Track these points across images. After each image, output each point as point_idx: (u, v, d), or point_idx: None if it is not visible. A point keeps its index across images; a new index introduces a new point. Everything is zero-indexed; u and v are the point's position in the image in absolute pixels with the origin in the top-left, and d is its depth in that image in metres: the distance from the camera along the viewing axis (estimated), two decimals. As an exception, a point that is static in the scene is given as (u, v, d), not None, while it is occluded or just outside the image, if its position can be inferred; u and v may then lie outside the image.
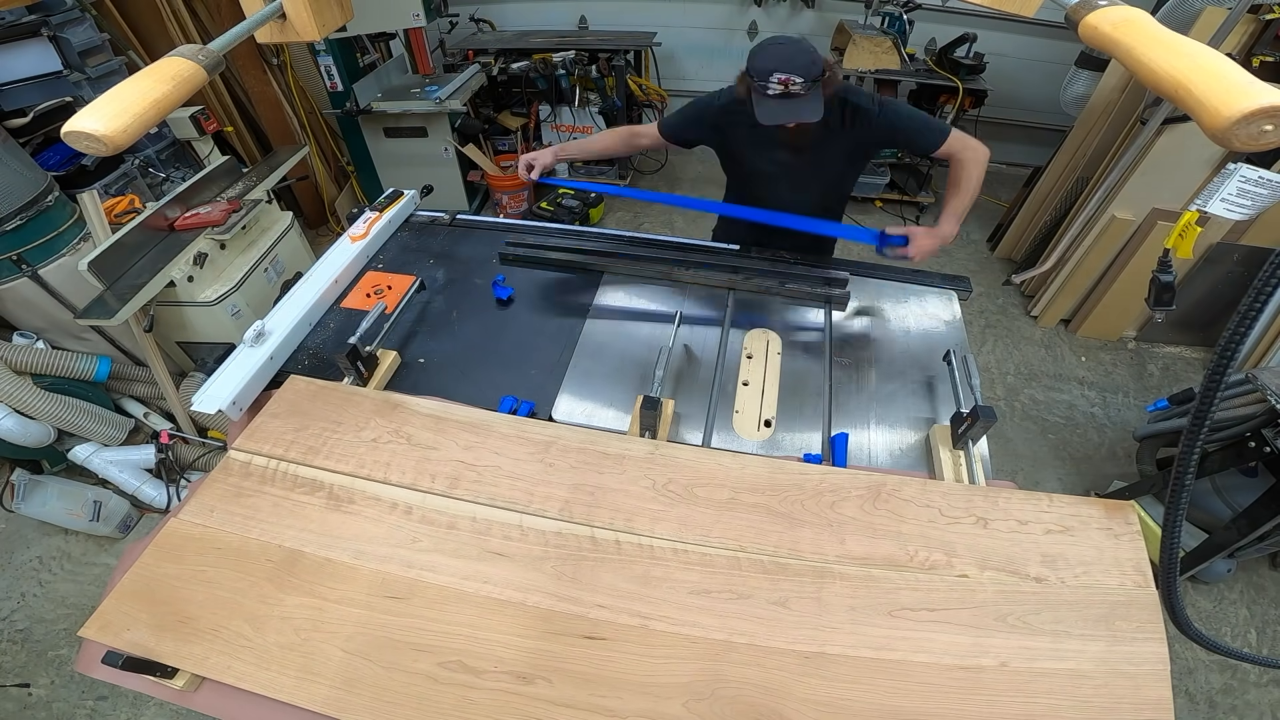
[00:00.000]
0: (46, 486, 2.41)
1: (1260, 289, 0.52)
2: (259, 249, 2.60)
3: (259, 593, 1.08)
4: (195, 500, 1.21)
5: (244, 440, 1.30)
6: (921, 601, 1.06)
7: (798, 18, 4.55)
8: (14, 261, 2.20)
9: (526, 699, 0.96)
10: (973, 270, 3.92)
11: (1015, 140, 4.75)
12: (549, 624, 1.04)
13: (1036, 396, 3.08)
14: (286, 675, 0.99)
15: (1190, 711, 2.02)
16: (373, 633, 1.03)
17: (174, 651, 1.01)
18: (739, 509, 1.18)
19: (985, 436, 1.31)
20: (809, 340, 1.62)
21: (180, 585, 1.09)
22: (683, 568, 1.11)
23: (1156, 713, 0.94)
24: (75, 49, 2.46)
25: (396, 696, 0.97)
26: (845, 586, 1.08)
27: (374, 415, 1.35)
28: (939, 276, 1.81)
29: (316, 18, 1.14)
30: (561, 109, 4.29)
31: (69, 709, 2.04)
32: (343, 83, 3.55)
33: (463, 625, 1.04)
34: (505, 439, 1.30)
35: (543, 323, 1.67)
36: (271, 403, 1.39)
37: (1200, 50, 0.66)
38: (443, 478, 1.24)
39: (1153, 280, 1.71)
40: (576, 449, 1.28)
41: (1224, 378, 0.54)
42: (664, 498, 1.20)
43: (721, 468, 1.24)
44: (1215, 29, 2.31)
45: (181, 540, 1.15)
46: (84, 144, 0.82)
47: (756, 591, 1.07)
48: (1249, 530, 1.90)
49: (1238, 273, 2.98)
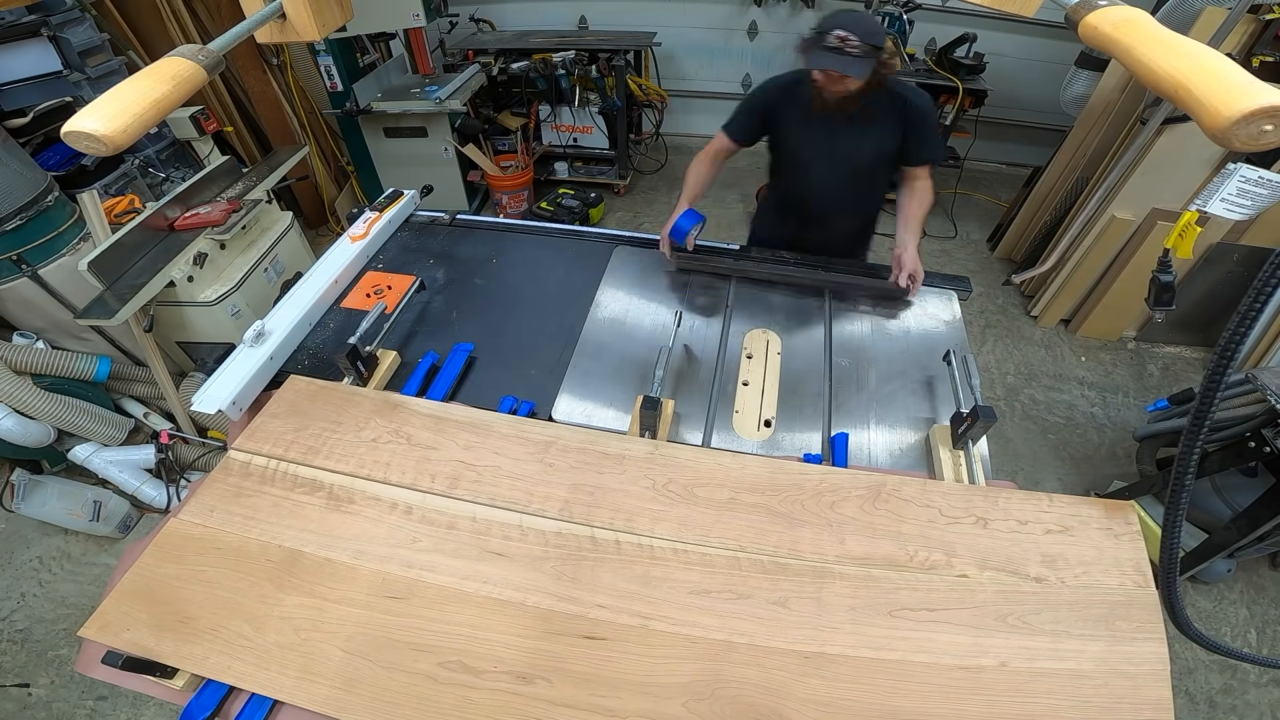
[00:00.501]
0: (46, 486, 2.41)
1: (1260, 289, 0.52)
2: (259, 249, 2.59)
3: (259, 593, 1.08)
4: (195, 500, 1.21)
5: (244, 440, 1.31)
6: (921, 601, 1.06)
7: (798, 17, 4.55)
8: (14, 261, 2.20)
9: (526, 699, 0.96)
10: (973, 270, 3.91)
11: (1015, 140, 4.75)
12: (549, 624, 1.04)
13: (1036, 396, 3.08)
14: (286, 675, 0.99)
15: (1190, 711, 2.02)
16: (373, 633, 1.03)
17: (174, 651, 1.01)
18: (739, 509, 1.18)
19: (985, 436, 1.31)
20: (809, 340, 1.62)
21: (180, 585, 1.09)
22: (683, 568, 1.11)
23: (1157, 713, 0.94)
24: (75, 49, 2.46)
25: (396, 696, 0.97)
26: (845, 586, 1.08)
27: (374, 415, 1.35)
28: (939, 276, 1.81)
29: (316, 18, 1.14)
30: (561, 109, 4.29)
31: (69, 709, 2.04)
32: (343, 83, 3.55)
33: (463, 625, 1.04)
34: (505, 439, 1.30)
35: (543, 323, 1.67)
36: (271, 403, 1.39)
37: (1200, 50, 0.66)
38: (443, 478, 1.24)
39: (1153, 280, 1.71)
40: (576, 449, 1.28)
41: (1224, 378, 0.54)
42: (664, 498, 1.20)
43: (721, 468, 1.24)
44: (1215, 29, 2.32)
45: (181, 540, 1.15)
46: (84, 144, 0.82)
47: (756, 591, 1.08)
48: (1249, 530, 1.90)
49: (1237, 273, 2.98)
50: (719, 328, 1.64)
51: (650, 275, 1.81)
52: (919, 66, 3.95)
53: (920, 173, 1.80)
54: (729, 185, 4.59)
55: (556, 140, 4.45)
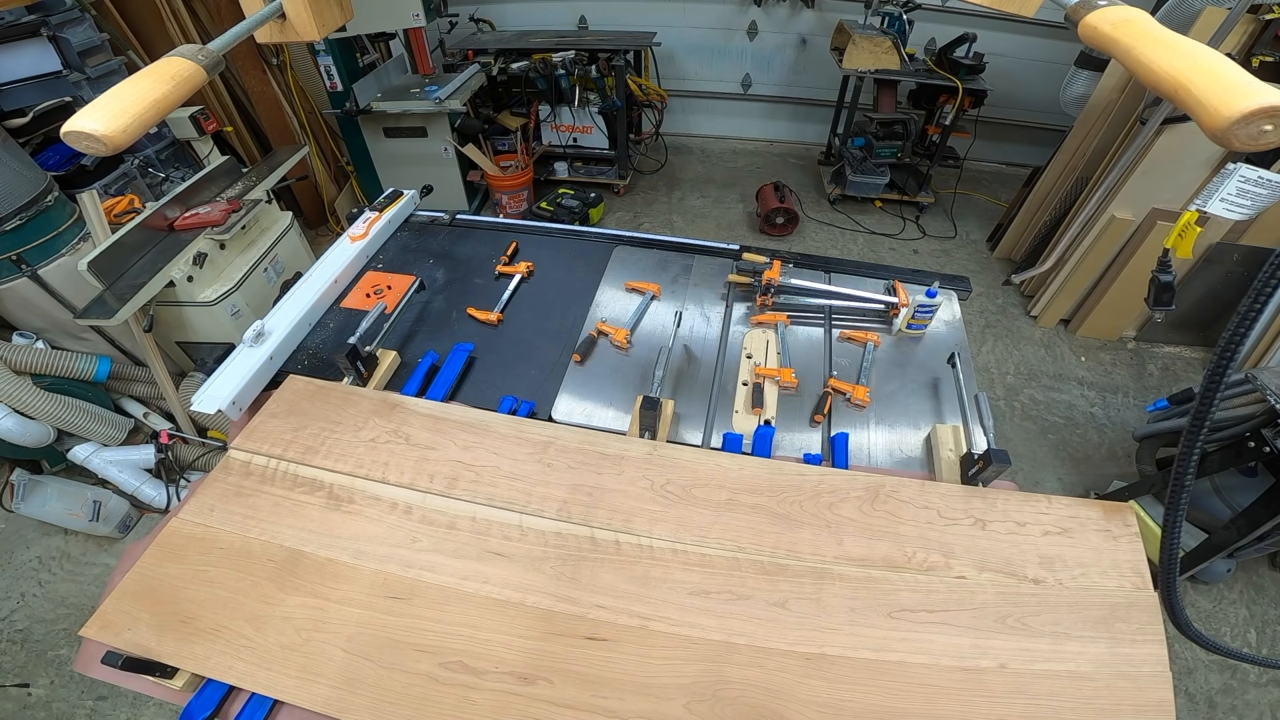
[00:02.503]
0: (46, 486, 2.41)
1: (1260, 289, 0.52)
2: (259, 249, 2.59)
3: (260, 593, 1.08)
4: (195, 499, 1.21)
5: (243, 439, 1.30)
6: (920, 603, 1.06)
7: (797, 18, 4.55)
8: (14, 261, 2.20)
9: (527, 699, 0.96)
10: (972, 270, 3.91)
11: (1015, 140, 4.75)
12: (550, 624, 1.04)
13: (1036, 396, 3.08)
14: (287, 675, 0.99)
15: (1190, 711, 2.02)
16: (374, 633, 1.03)
17: (175, 651, 1.01)
18: (738, 510, 1.18)
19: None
20: (809, 340, 1.62)
21: (182, 585, 1.09)
22: (683, 569, 1.11)
23: (1159, 714, 0.94)
24: (75, 49, 2.46)
25: (397, 697, 0.97)
26: (844, 587, 1.08)
27: (373, 415, 1.35)
28: (939, 276, 1.81)
29: (316, 18, 1.14)
30: (561, 109, 4.29)
31: (69, 709, 2.04)
32: (342, 83, 3.55)
33: (464, 625, 1.04)
34: (504, 439, 1.30)
35: (543, 323, 1.67)
36: (270, 402, 1.39)
37: (1200, 50, 0.66)
38: (441, 478, 1.24)
39: (1152, 280, 1.71)
40: (575, 449, 1.28)
41: (1224, 378, 0.54)
42: (663, 498, 1.20)
43: (720, 469, 1.24)
44: (1215, 29, 2.31)
45: (183, 540, 1.15)
46: (84, 144, 0.82)
47: (756, 592, 1.08)
48: (1249, 530, 1.89)
49: (1237, 273, 2.98)
50: (719, 328, 1.64)
51: (650, 275, 1.81)
52: (919, 66, 3.95)
53: None
54: (728, 185, 4.61)
55: (556, 140, 4.45)
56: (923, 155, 4.26)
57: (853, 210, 4.38)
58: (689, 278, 1.81)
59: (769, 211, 4.02)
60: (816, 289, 1.70)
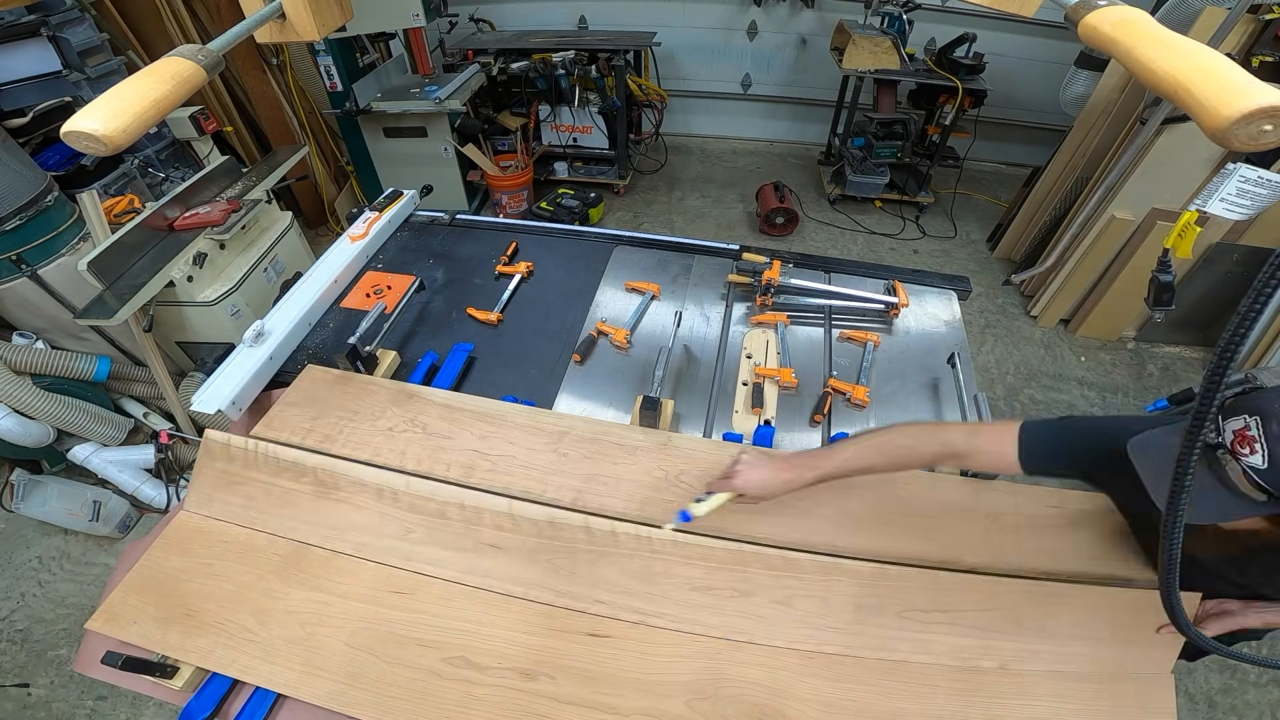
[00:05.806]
0: (46, 486, 2.41)
1: (1260, 289, 0.52)
2: (259, 249, 2.59)
3: (265, 586, 1.08)
4: (194, 490, 1.21)
5: (261, 429, 1.31)
6: (928, 602, 1.06)
7: (797, 17, 4.55)
8: (13, 261, 2.19)
9: (530, 695, 0.96)
10: (972, 270, 3.91)
11: (1015, 140, 4.75)
12: (552, 620, 1.04)
13: (1036, 396, 3.08)
14: (291, 669, 0.99)
15: (1190, 711, 2.02)
16: (377, 627, 1.04)
17: (179, 645, 1.01)
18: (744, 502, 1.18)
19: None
20: (809, 340, 1.62)
21: (187, 578, 1.09)
22: (684, 563, 1.10)
23: (1161, 715, 0.94)
24: (75, 49, 2.46)
25: (400, 691, 0.97)
26: (850, 585, 1.08)
27: (390, 405, 1.35)
28: (938, 276, 1.81)
29: (316, 18, 1.14)
30: (561, 109, 4.29)
31: (68, 709, 2.04)
32: (342, 83, 3.54)
33: (467, 621, 1.04)
34: (519, 429, 1.30)
35: (543, 322, 1.67)
36: (289, 391, 1.39)
37: (1199, 50, 0.66)
38: (457, 467, 1.24)
39: (1152, 280, 1.71)
40: (590, 439, 1.28)
41: (1224, 378, 0.54)
42: (675, 488, 1.19)
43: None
44: (1215, 29, 2.31)
45: (190, 533, 1.16)
46: (83, 144, 0.82)
47: (760, 589, 1.07)
48: (1248, 530, 1.89)
49: (1237, 273, 2.98)
50: (719, 328, 1.64)
51: (650, 275, 1.81)
52: (919, 66, 3.96)
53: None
54: (728, 185, 4.60)
55: (556, 140, 4.45)
56: (923, 155, 4.26)
57: (853, 210, 4.38)
58: (689, 278, 1.81)
59: (769, 211, 4.02)
60: (816, 289, 1.70)
